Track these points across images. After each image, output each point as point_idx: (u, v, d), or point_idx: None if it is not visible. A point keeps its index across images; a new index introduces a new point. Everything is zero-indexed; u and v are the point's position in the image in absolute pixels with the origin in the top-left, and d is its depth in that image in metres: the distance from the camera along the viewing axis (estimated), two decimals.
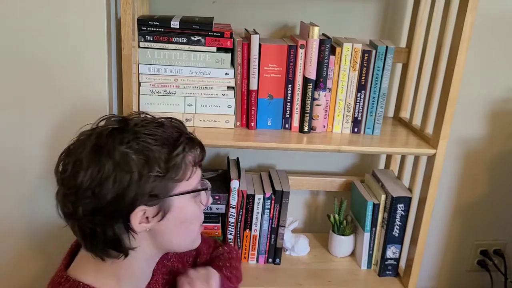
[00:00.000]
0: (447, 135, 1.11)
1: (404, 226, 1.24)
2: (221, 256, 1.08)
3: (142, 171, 0.71)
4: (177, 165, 0.75)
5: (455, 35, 1.06)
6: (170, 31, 1.09)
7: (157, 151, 0.73)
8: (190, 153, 0.78)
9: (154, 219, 0.75)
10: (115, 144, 0.72)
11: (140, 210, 0.73)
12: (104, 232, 0.73)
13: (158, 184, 0.73)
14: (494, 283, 1.64)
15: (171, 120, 0.80)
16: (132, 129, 0.74)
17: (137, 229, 0.74)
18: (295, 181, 1.39)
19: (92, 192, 0.70)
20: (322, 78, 1.14)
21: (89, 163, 0.71)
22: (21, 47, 1.02)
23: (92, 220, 0.72)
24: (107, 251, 0.75)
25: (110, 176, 0.70)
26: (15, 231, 1.15)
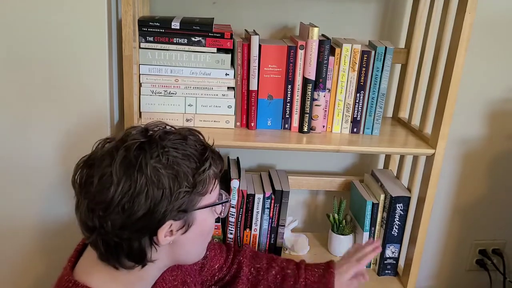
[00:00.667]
0: (446, 135, 1.12)
1: (403, 225, 1.25)
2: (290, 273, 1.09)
3: (172, 186, 0.71)
4: (204, 180, 0.75)
5: (454, 35, 1.07)
6: (170, 32, 1.10)
7: (185, 165, 0.73)
8: (213, 167, 0.78)
9: (178, 232, 0.76)
10: (146, 159, 0.70)
11: (167, 225, 0.73)
12: (130, 246, 0.72)
13: (186, 199, 0.73)
14: (493, 282, 1.64)
15: (192, 132, 0.80)
16: (158, 143, 0.73)
17: (161, 242, 0.74)
18: (294, 181, 1.40)
19: (122, 207, 0.69)
20: (321, 79, 1.14)
21: (119, 177, 0.69)
22: (22, 48, 1.03)
23: (119, 234, 0.71)
24: (126, 262, 0.74)
25: (142, 192, 0.69)
26: (20, 231, 1.16)
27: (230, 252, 1.12)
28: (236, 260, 1.10)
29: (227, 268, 1.09)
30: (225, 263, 1.09)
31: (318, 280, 1.08)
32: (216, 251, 1.09)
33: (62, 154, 1.10)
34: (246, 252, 1.12)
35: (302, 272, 1.09)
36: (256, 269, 1.11)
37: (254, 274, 1.10)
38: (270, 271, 1.10)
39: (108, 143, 0.75)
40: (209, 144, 0.81)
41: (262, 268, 1.10)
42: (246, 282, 1.09)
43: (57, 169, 1.11)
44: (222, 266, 1.09)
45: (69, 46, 1.03)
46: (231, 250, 1.12)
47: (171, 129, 0.79)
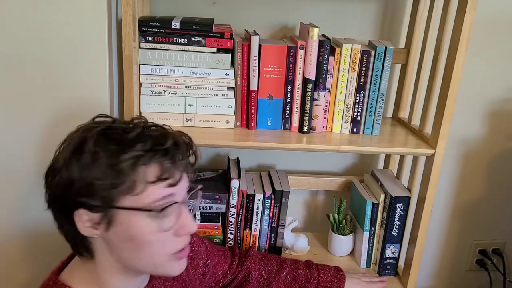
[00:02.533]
0: (446, 135, 1.12)
1: (403, 225, 1.25)
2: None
3: (83, 173, 0.68)
4: (122, 173, 0.68)
5: (454, 35, 1.07)
6: (170, 31, 1.10)
7: (108, 155, 0.68)
8: (151, 167, 0.70)
9: (100, 227, 0.71)
10: (76, 140, 0.71)
11: (84, 213, 0.70)
12: (62, 224, 0.75)
13: (99, 190, 0.68)
14: (493, 282, 1.64)
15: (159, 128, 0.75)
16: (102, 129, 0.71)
17: (83, 232, 0.71)
18: (294, 181, 1.40)
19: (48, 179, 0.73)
20: (321, 79, 1.14)
21: (57, 152, 0.74)
22: (22, 48, 1.03)
23: (52, 209, 0.74)
24: (73, 247, 0.76)
25: (59, 171, 0.70)
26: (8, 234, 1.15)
27: (235, 258, 1.11)
28: (243, 265, 1.10)
29: (232, 274, 1.09)
30: (230, 269, 1.09)
31: (330, 279, 1.10)
32: (220, 258, 1.08)
33: None
34: (253, 256, 1.12)
35: (314, 271, 1.11)
36: (267, 271, 1.11)
37: (265, 276, 1.10)
38: (281, 272, 1.10)
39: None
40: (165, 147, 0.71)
41: (272, 270, 1.11)
42: (257, 285, 1.09)
43: None
44: (226, 272, 1.08)
45: (69, 46, 1.03)
46: (236, 256, 1.12)
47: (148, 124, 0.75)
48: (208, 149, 1.41)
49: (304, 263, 1.15)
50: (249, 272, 1.09)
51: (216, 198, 1.24)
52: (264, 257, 1.14)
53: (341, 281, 1.10)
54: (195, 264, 1.00)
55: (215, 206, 1.26)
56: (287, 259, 1.15)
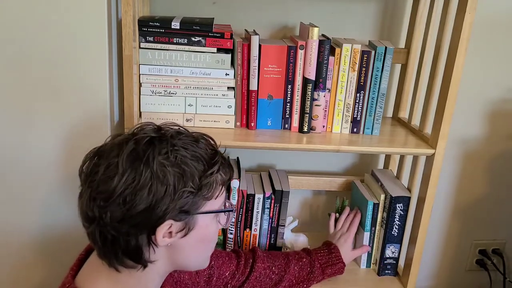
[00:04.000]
0: (446, 135, 1.12)
1: (403, 225, 1.25)
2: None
3: (177, 185, 0.70)
4: (210, 183, 0.75)
5: (454, 35, 1.07)
6: (170, 32, 1.10)
7: (193, 166, 0.72)
8: (221, 173, 0.78)
9: (177, 235, 0.74)
10: (154, 154, 0.70)
11: (167, 224, 0.72)
12: (127, 242, 0.71)
13: (190, 200, 0.72)
14: (493, 282, 1.64)
15: (204, 136, 0.80)
16: (169, 141, 0.73)
17: (159, 243, 0.73)
18: (294, 181, 1.40)
19: (124, 199, 0.68)
20: (321, 79, 1.14)
21: (125, 168, 0.68)
22: (22, 48, 1.03)
23: (117, 228, 0.70)
24: (124, 260, 0.73)
25: (146, 186, 0.68)
26: (19, 235, 1.16)
27: (241, 258, 1.12)
28: (254, 267, 1.11)
29: (241, 274, 1.10)
30: (237, 269, 1.10)
31: (328, 258, 1.18)
32: (224, 259, 1.09)
33: (62, 154, 1.10)
34: (261, 256, 1.14)
35: (314, 257, 1.17)
36: (277, 267, 1.14)
37: (276, 272, 1.13)
38: (290, 264, 1.15)
39: (118, 137, 0.75)
40: (220, 151, 0.80)
41: (281, 264, 1.15)
42: (270, 282, 1.12)
43: (57, 169, 1.11)
44: (234, 272, 1.09)
45: (69, 46, 1.03)
46: (241, 256, 1.13)
47: (185, 130, 0.78)
48: None
49: (304, 251, 1.20)
50: (260, 272, 1.12)
51: None
52: (270, 255, 1.17)
53: (336, 254, 1.19)
54: None
55: None
56: (289, 252, 1.20)
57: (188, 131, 0.79)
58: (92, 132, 1.08)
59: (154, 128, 0.76)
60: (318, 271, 1.15)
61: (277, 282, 1.12)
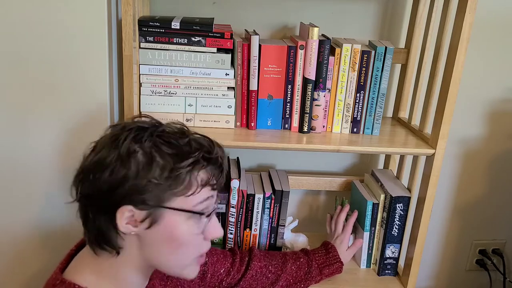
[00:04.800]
0: (446, 135, 1.12)
1: (403, 225, 1.25)
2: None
3: (140, 171, 0.70)
4: (180, 177, 0.72)
5: (454, 35, 1.07)
6: (170, 31, 1.10)
7: (166, 157, 0.71)
8: (202, 172, 0.75)
9: (141, 225, 0.73)
10: (128, 138, 0.72)
11: (128, 210, 0.71)
12: (94, 220, 0.73)
13: (153, 190, 0.71)
14: (493, 282, 1.64)
15: (205, 138, 0.78)
16: (156, 132, 0.74)
17: (122, 229, 0.72)
18: (295, 181, 1.40)
19: (93, 175, 0.71)
20: (321, 79, 1.14)
21: (101, 148, 0.72)
22: (22, 48, 1.03)
23: (86, 203, 0.74)
24: (98, 242, 0.75)
25: (110, 166, 0.70)
26: (18, 232, 1.16)
27: (236, 256, 1.12)
28: (251, 265, 1.11)
29: (237, 272, 1.10)
30: (233, 266, 1.10)
31: (326, 258, 1.18)
32: (219, 257, 1.09)
33: (62, 154, 1.10)
34: (257, 255, 1.14)
35: (311, 257, 1.17)
36: (274, 266, 1.14)
37: (273, 271, 1.13)
38: (287, 264, 1.15)
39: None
40: (216, 155, 0.77)
41: (278, 263, 1.15)
42: (266, 281, 1.12)
43: (56, 168, 1.11)
44: (229, 270, 1.09)
45: (69, 46, 1.03)
46: (236, 254, 1.13)
47: (186, 130, 0.78)
48: None
49: (301, 252, 1.21)
50: (256, 270, 1.12)
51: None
52: (267, 254, 1.17)
53: (334, 254, 1.19)
54: None
55: None
56: (286, 252, 1.21)
57: (189, 130, 0.79)
58: (92, 132, 1.08)
59: (155, 122, 0.77)
60: (316, 271, 1.15)
61: (274, 281, 1.12)
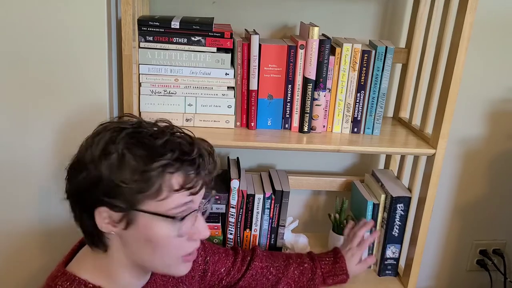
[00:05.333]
0: (446, 135, 1.12)
1: (403, 226, 1.25)
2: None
3: (110, 174, 0.70)
4: (150, 180, 0.70)
5: (455, 35, 1.06)
6: (170, 31, 1.09)
7: (137, 159, 0.70)
8: (177, 175, 0.72)
9: (119, 226, 0.74)
10: (104, 140, 0.72)
11: (104, 211, 0.72)
12: (80, 218, 0.76)
13: (124, 192, 0.70)
14: (494, 282, 1.64)
15: (186, 137, 0.76)
16: (132, 133, 0.73)
17: (102, 228, 0.74)
18: (295, 181, 1.39)
19: (70, 176, 0.75)
20: (322, 78, 1.14)
21: (82, 148, 0.74)
22: (22, 48, 1.02)
23: (70, 201, 0.76)
24: (89, 240, 0.78)
25: (85, 168, 0.71)
26: (19, 231, 1.16)
27: (238, 255, 1.11)
28: (251, 265, 1.10)
29: (237, 272, 1.09)
30: (233, 266, 1.09)
31: (332, 268, 1.14)
32: (221, 256, 1.08)
33: (62, 153, 1.10)
34: (259, 255, 1.13)
35: (317, 263, 1.14)
36: (275, 268, 1.12)
37: (274, 273, 1.12)
38: (289, 267, 1.13)
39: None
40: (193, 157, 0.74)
41: (280, 266, 1.13)
42: (266, 282, 1.11)
43: (56, 168, 1.11)
44: (229, 269, 1.08)
45: (69, 45, 1.03)
46: (238, 254, 1.12)
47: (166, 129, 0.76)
48: None
49: (307, 256, 1.17)
50: (257, 271, 1.11)
51: (216, 198, 1.24)
52: (270, 254, 1.16)
53: (341, 266, 1.14)
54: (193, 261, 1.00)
55: (215, 206, 1.25)
56: (291, 254, 1.18)
57: (178, 130, 0.77)
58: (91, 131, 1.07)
59: (133, 121, 0.77)
60: (319, 279, 1.12)
61: (274, 283, 1.11)
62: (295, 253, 1.19)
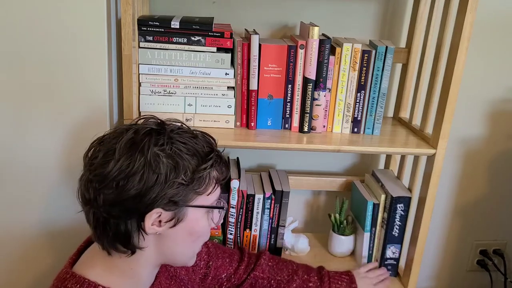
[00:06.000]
0: (446, 135, 1.11)
1: (403, 226, 1.24)
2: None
3: (169, 175, 0.73)
4: (203, 178, 0.77)
5: (455, 35, 1.06)
6: (170, 31, 1.09)
7: (187, 160, 0.75)
8: (216, 170, 0.80)
9: (166, 225, 0.76)
10: (150, 144, 0.73)
11: (156, 213, 0.74)
12: (117, 225, 0.74)
13: (180, 191, 0.75)
14: (494, 283, 1.64)
15: (204, 135, 0.82)
16: (168, 134, 0.76)
17: (148, 230, 0.75)
18: (295, 181, 1.39)
19: (117, 183, 0.71)
20: (322, 78, 1.14)
21: (121, 155, 0.72)
22: (21, 48, 1.02)
23: (108, 210, 0.73)
24: (115, 244, 0.76)
25: (138, 172, 0.71)
26: (20, 233, 1.15)
27: (243, 263, 1.11)
28: (251, 274, 1.10)
29: (238, 279, 1.09)
30: (235, 273, 1.09)
31: None
32: (224, 261, 1.08)
33: (61, 153, 1.10)
34: (263, 265, 1.12)
35: (325, 285, 1.12)
36: (277, 281, 1.11)
37: (274, 286, 1.10)
38: (291, 284, 1.10)
39: (122, 126, 0.79)
40: (218, 150, 0.82)
41: (282, 280, 1.11)
42: None
43: (56, 168, 1.11)
44: (230, 276, 1.08)
45: (69, 45, 1.03)
46: (243, 260, 1.11)
47: (186, 127, 0.81)
48: None
49: (316, 273, 1.14)
50: (257, 281, 1.10)
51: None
52: (275, 265, 1.13)
53: (354, 284, 1.13)
54: (195, 264, 1.00)
55: None
56: (300, 268, 1.15)
57: (189, 128, 0.82)
58: (91, 131, 1.07)
59: (157, 122, 0.79)
60: None
61: None
62: (304, 267, 1.16)
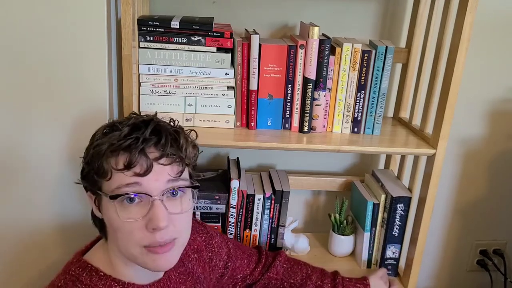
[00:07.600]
0: (446, 135, 1.11)
1: (403, 226, 1.24)
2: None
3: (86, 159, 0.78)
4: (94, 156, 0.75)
5: (455, 35, 1.06)
6: (170, 31, 1.09)
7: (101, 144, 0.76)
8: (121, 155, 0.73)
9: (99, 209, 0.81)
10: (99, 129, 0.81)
11: (88, 195, 0.81)
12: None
13: (86, 173, 0.78)
14: (494, 283, 1.64)
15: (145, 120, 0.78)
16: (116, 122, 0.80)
17: (94, 211, 0.82)
18: (295, 181, 1.39)
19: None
20: (322, 78, 1.14)
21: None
22: (21, 48, 1.02)
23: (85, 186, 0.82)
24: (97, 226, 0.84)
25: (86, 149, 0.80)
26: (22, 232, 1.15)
27: (260, 264, 1.12)
28: (265, 275, 1.10)
29: (252, 280, 1.10)
30: (251, 274, 1.10)
31: None
32: (242, 262, 1.09)
33: (61, 153, 1.10)
34: (277, 267, 1.12)
35: None
36: (290, 284, 1.11)
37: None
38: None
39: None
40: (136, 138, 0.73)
41: (295, 284, 1.11)
42: None
43: (56, 168, 1.11)
44: (246, 277, 1.09)
45: (69, 45, 1.03)
46: (261, 262, 1.12)
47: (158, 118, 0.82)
48: (208, 149, 1.41)
49: (331, 279, 1.14)
50: (270, 281, 1.10)
51: (216, 198, 1.24)
52: (290, 268, 1.14)
53: None
54: (214, 264, 1.01)
55: (215, 206, 1.25)
56: (314, 273, 1.14)
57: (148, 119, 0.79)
58: (91, 131, 1.07)
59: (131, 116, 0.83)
60: None
61: None
62: (319, 272, 1.15)
